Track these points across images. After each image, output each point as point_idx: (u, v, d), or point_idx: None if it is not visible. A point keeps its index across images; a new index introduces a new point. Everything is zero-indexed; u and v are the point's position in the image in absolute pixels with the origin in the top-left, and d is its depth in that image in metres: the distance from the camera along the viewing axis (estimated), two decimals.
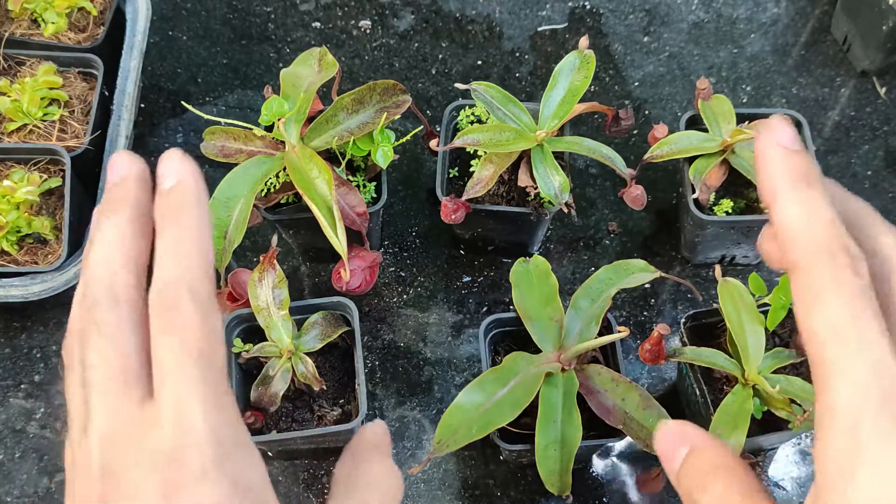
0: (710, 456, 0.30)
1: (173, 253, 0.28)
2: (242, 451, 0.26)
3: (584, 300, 0.77)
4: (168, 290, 0.27)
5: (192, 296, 0.27)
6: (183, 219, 0.28)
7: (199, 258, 0.28)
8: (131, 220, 0.29)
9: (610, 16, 1.17)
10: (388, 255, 1.00)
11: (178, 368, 0.26)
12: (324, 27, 1.15)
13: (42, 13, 0.97)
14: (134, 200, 0.29)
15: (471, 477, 0.88)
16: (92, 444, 0.27)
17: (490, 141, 0.80)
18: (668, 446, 0.31)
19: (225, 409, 0.26)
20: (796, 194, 0.27)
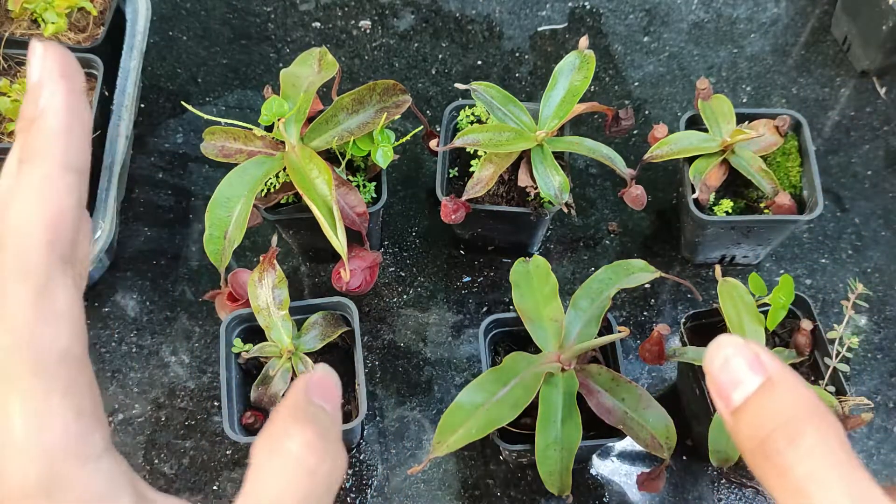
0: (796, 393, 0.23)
1: (18, 203, 0.23)
2: (83, 464, 0.22)
3: (584, 300, 0.77)
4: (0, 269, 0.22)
5: (20, 270, 0.22)
6: (38, 159, 0.23)
7: (48, 214, 0.23)
8: None
9: (610, 16, 1.17)
10: (388, 255, 1.00)
11: (2, 367, 0.21)
12: (324, 27, 1.15)
13: (42, 13, 0.97)
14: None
15: (471, 477, 0.88)
16: None
17: (490, 141, 0.80)
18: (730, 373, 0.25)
19: (60, 410, 0.22)
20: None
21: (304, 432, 0.26)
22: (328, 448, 0.27)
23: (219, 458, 0.87)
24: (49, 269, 0.22)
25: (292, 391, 0.29)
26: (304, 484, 0.25)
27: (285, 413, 0.27)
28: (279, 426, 0.27)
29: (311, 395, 0.28)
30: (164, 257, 0.99)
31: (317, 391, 0.29)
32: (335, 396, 0.29)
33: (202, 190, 1.03)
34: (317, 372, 0.30)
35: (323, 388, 0.29)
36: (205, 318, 0.95)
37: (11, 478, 0.21)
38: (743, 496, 0.86)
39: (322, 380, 0.29)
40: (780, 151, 0.91)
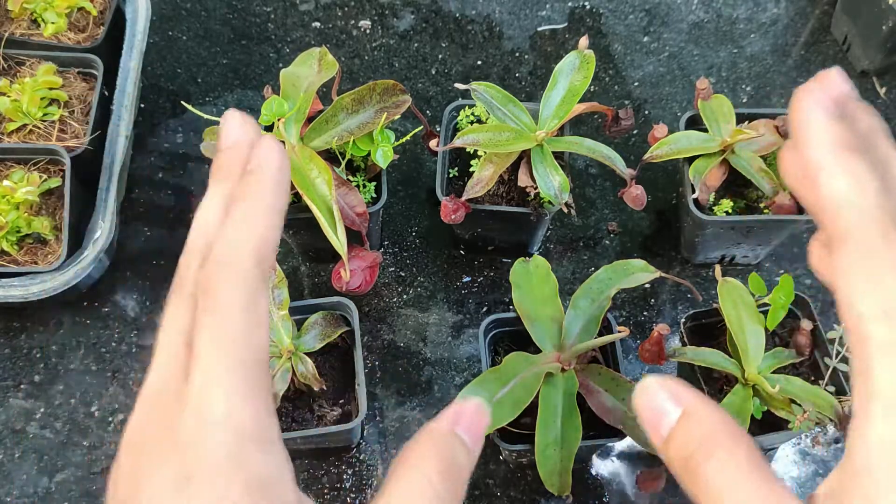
0: (709, 419, 0.28)
1: (232, 230, 0.27)
2: (264, 448, 0.25)
3: (584, 300, 0.77)
4: (215, 269, 0.27)
5: (238, 278, 0.26)
6: (251, 200, 0.28)
7: (257, 240, 0.27)
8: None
9: (610, 16, 1.17)
10: (388, 255, 1.00)
11: (209, 353, 0.25)
12: (324, 27, 1.15)
13: (42, 13, 0.97)
14: (239, 170, 0.30)
15: (471, 477, 0.87)
16: (138, 401, 0.27)
17: (490, 141, 0.80)
18: (653, 411, 0.29)
19: (253, 400, 0.25)
20: (842, 164, 0.26)
21: (438, 464, 0.28)
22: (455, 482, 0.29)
23: None
24: (257, 283, 0.27)
25: (441, 418, 0.30)
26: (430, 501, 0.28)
27: (425, 440, 0.29)
28: (416, 452, 0.29)
29: (457, 427, 0.30)
30: (164, 257, 0.98)
31: (465, 425, 0.30)
32: (481, 432, 0.31)
33: (202, 190, 1.03)
34: (470, 405, 0.31)
35: (472, 423, 0.30)
36: None
37: (208, 449, 0.24)
38: None
39: (474, 414, 0.31)
40: (780, 151, 0.91)
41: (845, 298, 0.25)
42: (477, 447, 0.31)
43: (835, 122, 0.27)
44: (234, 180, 0.29)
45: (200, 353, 0.25)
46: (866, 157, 0.26)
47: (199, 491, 0.24)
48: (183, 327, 0.27)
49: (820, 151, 0.27)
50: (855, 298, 0.25)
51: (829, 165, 0.26)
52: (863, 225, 0.25)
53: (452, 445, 0.29)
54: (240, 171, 0.29)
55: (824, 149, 0.27)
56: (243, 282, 0.26)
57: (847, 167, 0.26)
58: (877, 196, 0.26)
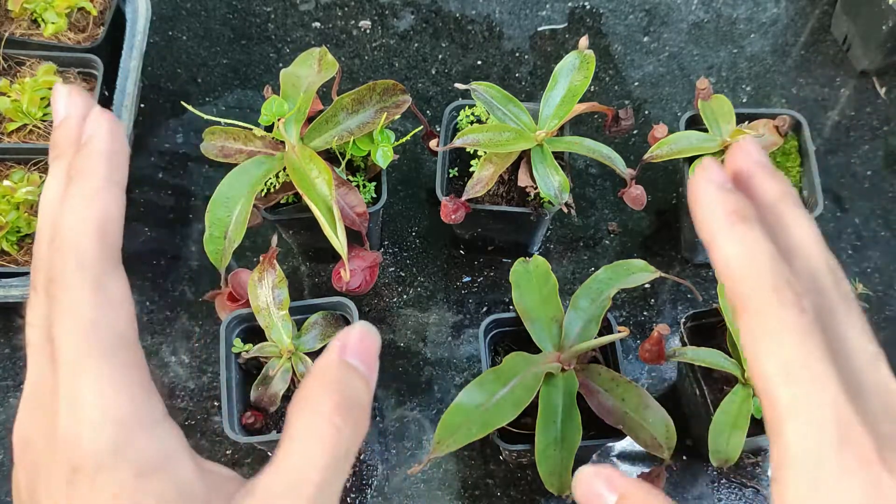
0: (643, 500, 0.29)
1: (70, 211, 0.26)
2: (147, 430, 0.25)
3: (584, 300, 0.77)
4: (58, 255, 0.26)
5: (82, 260, 0.25)
6: (85, 176, 0.27)
7: (96, 217, 0.26)
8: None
9: (610, 16, 1.17)
10: (388, 255, 1.00)
11: (67, 344, 0.25)
12: (324, 27, 1.15)
13: (42, 13, 0.97)
14: (72, 146, 0.29)
15: (471, 477, 0.88)
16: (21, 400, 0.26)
17: (490, 141, 0.80)
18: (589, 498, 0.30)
19: (124, 383, 0.25)
20: (733, 232, 0.27)
21: (331, 398, 0.28)
22: (352, 413, 0.28)
23: (218, 458, 0.87)
24: (103, 264, 0.26)
25: (328, 351, 0.29)
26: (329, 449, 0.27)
27: (316, 376, 0.29)
28: (309, 390, 0.28)
29: (346, 356, 0.29)
30: (164, 257, 0.99)
31: (353, 351, 0.29)
32: (372, 356, 0.30)
33: (202, 190, 1.03)
34: (354, 331, 0.30)
35: (360, 349, 0.30)
36: (205, 318, 0.95)
37: (86, 445, 0.24)
38: (743, 496, 0.86)
39: (360, 340, 0.30)
40: (780, 151, 0.91)
41: (751, 364, 0.26)
42: (372, 372, 0.30)
43: (727, 194, 0.28)
44: (70, 156, 0.28)
45: (61, 346, 0.25)
46: (758, 224, 0.27)
47: (91, 486, 0.23)
48: (41, 320, 0.26)
49: (712, 222, 0.28)
50: (758, 363, 0.26)
51: (720, 234, 0.27)
52: (758, 290, 0.26)
53: (345, 375, 0.29)
54: (74, 147, 0.29)
55: (716, 219, 0.27)
56: (87, 263, 0.25)
57: (737, 235, 0.27)
58: (770, 260, 0.26)
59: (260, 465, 0.87)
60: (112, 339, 0.25)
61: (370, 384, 0.30)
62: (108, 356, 0.25)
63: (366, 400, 0.29)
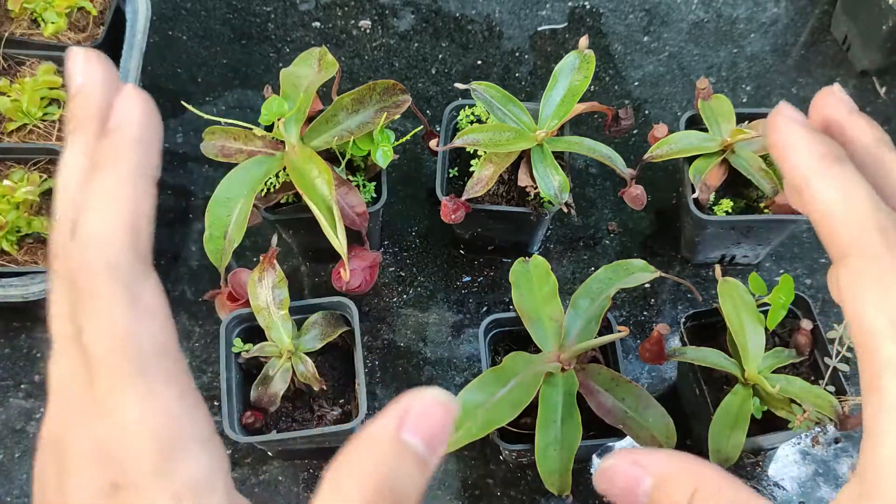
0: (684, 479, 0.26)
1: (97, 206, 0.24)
2: (189, 449, 0.23)
3: (584, 300, 0.77)
4: (86, 255, 0.23)
5: (112, 265, 0.23)
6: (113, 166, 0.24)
7: (126, 214, 0.24)
8: None
9: (610, 16, 1.17)
10: (388, 255, 1.00)
11: (104, 357, 0.23)
12: (324, 27, 1.15)
13: (42, 13, 0.97)
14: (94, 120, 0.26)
15: (470, 477, 0.88)
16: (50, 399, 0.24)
17: (490, 141, 0.80)
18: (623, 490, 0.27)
19: (165, 399, 0.23)
20: (829, 175, 0.25)
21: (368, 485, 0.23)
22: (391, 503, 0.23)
23: None
24: (135, 269, 0.24)
25: (384, 418, 0.24)
26: None
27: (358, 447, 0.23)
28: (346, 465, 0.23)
29: (404, 431, 0.23)
30: (164, 257, 0.99)
31: (415, 426, 0.23)
32: (440, 436, 0.24)
33: (202, 190, 1.03)
34: (423, 398, 0.24)
35: (425, 424, 0.23)
36: (205, 318, 0.95)
37: (129, 465, 0.22)
38: None
39: (427, 413, 0.24)
40: None
41: (852, 313, 0.25)
42: (434, 456, 0.24)
43: (816, 135, 0.26)
44: (92, 133, 0.26)
45: (96, 356, 0.23)
46: (853, 166, 0.26)
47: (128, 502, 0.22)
48: (67, 317, 0.24)
49: (805, 165, 0.26)
50: (863, 313, 0.24)
51: (815, 177, 0.26)
52: (863, 234, 0.24)
53: (395, 457, 0.23)
54: (96, 121, 0.26)
55: (809, 162, 0.26)
56: (119, 268, 0.23)
57: (835, 177, 0.25)
58: (874, 202, 0.25)
59: (260, 464, 0.87)
60: (151, 350, 0.23)
61: (427, 473, 0.23)
62: (148, 369, 0.23)
63: (414, 493, 0.23)
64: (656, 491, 0.26)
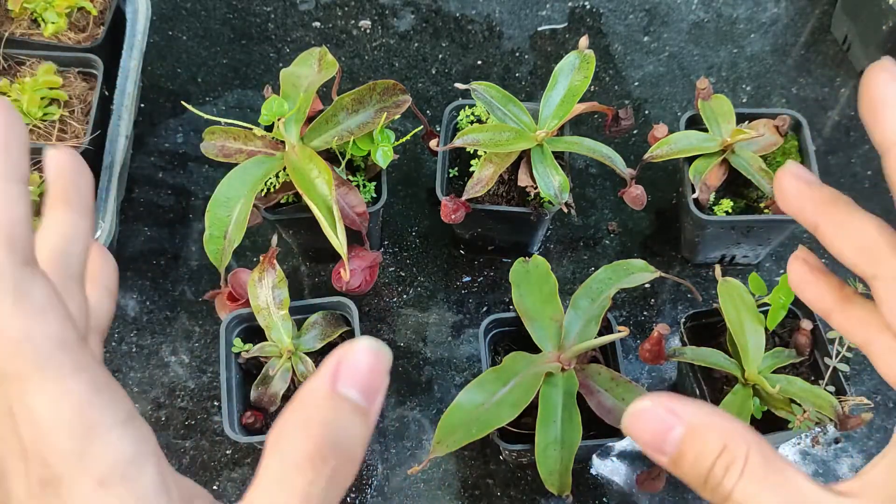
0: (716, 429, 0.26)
1: None
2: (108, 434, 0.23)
3: (583, 300, 0.77)
4: None
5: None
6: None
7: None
8: None
9: (610, 16, 1.17)
10: (388, 255, 1.00)
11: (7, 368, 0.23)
12: (324, 27, 1.15)
13: (42, 13, 0.97)
14: None
15: (470, 477, 0.88)
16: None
17: (490, 141, 0.80)
18: (653, 432, 0.27)
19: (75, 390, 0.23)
20: None
21: (308, 441, 0.23)
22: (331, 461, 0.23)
23: (219, 458, 0.87)
24: (16, 271, 0.23)
25: (317, 375, 0.24)
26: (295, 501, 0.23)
27: (296, 408, 0.24)
28: (284, 424, 0.24)
29: (339, 385, 0.24)
30: (164, 257, 0.99)
31: (350, 379, 0.24)
32: (376, 385, 0.24)
33: (202, 190, 1.03)
34: (356, 350, 0.24)
35: (361, 375, 0.24)
36: (205, 318, 0.95)
37: (51, 459, 0.22)
38: None
39: (362, 364, 0.24)
40: (779, 151, 0.91)
41: None
42: (373, 405, 0.24)
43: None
44: None
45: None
46: None
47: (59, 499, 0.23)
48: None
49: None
50: None
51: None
52: None
53: (333, 411, 0.23)
54: None
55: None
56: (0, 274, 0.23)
57: None
58: None
59: None
60: (48, 345, 0.23)
61: (369, 422, 0.24)
62: (50, 364, 0.23)
63: (358, 443, 0.24)
64: (685, 441, 0.26)
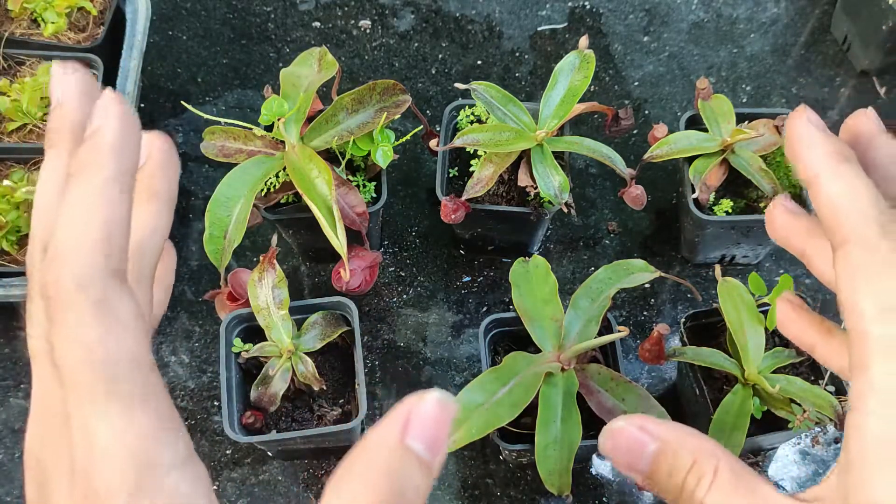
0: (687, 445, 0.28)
1: (69, 217, 0.23)
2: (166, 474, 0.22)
3: (583, 300, 0.77)
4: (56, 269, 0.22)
5: (83, 278, 0.22)
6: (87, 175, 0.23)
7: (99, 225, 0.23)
8: None
9: (610, 16, 1.17)
10: (388, 255, 1.00)
11: (74, 374, 0.22)
12: (324, 27, 1.15)
13: (42, 13, 0.97)
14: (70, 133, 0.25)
15: (470, 477, 0.88)
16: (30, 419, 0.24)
17: (490, 141, 0.80)
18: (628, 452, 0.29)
19: (141, 419, 0.22)
20: (837, 171, 0.28)
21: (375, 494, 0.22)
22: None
23: (219, 458, 0.87)
24: (105, 282, 0.23)
25: (387, 424, 0.24)
26: None
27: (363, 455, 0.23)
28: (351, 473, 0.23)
29: (408, 437, 0.23)
30: None
31: (419, 433, 0.23)
32: (441, 439, 0.24)
33: (202, 190, 1.03)
34: (426, 403, 0.24)
35: (429, 429, 0.24)
36: (205, 318, 0.95)
37: (101, 485, 0.21)
38: None
39: (432, 416, 0.24)
40: (779, 151, 0.91)
41: (846, 298, 0.26)
42: (437, 459, 0.24)
43: (829, 136, 0.29)
44: (68, 146, 0.25)
45: (67, 374, 0.22)
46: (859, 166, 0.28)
47: None
48: (43, 336, 0.23)
49: (816, 162, 0.28)
50: (855, 298, 0.26)
51: (824, 173, 0.28)
52: (862, 225, 0.26)
53: (400, 464, 0.23)
54: (72, 134, 0.25)
55: (820, 159, 0.28)
56: (87, 281, 0.22)
57: (842, 173, 0.28)
58: (875, 198, 0.27)
59: (260, 465, 0.87)
60: (123, 365, 0.22)
61: (432, 477, 0.24)
62: (121, 386, 0.22)
63: (420, 497, 0.23)
64: (658, 457, 0.28)
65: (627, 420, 0.29)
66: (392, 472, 0.23)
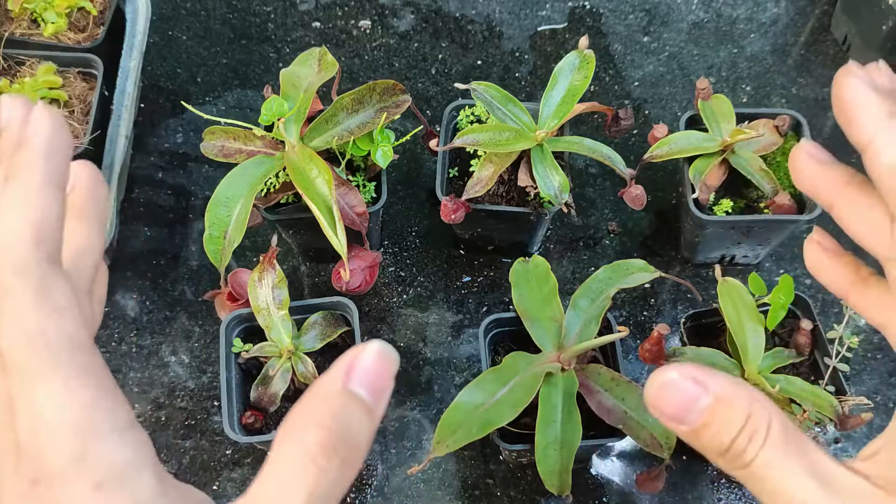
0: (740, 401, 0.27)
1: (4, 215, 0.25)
2: (108, 439, 0.24)
3: (583, 300, 0.77)
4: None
5: (16, 270, 0.24)
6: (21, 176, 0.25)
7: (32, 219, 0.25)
8: None
9: (610, 16, 1.17)
10: (388, 255, 1.00)
11: (15, 354, 0.24)
12: (324, 27, 1.15)
13: (42, 13, 0.97)
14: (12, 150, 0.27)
15: (470, 477, 0.88)
16: None
17: (490, 141, 0.80)
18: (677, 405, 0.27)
19: (82, 390, 0.23)
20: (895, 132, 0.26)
21: (320, 432, 0.25)
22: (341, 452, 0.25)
23: (219, 458, 0.87)
24: (41, 268, 0.24)
25: (331, 372, 0.26)
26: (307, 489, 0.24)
27: (310, 400, 0.25)
28: (299, 415, 0.25)
29: (351, 382, 0.26)
30: (164, 257, 0.99)
31: (361, 378, 0.26)
32: (383, 385, 0.26)
33: (202, 190, 1.03)
34: (367, 352, 0.26)
35: (371, 375, 0.26)
36: (205, 318, 0.95)
37: (47, 457, 0.23)
38: (742, 496, 0.86)
39: (372, 365, 0.26)
40: (779, 151, 0.91)
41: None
42: (380, 404, 0.26)
43: (882, 94, 0.27)
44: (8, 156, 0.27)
45: (9, 357, 0.24)
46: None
47: (49, 499, 0.23)
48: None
49: (871, 123, 0.27)
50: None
51: (881, 135, 0.26)
52: None
53: (344, 407, 0.25)
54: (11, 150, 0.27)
55: (876, 120, 0.26)
56: (25, 270, 0.24)
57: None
58: None
59: (260, 464, 0.87)
60: (62, 345, 0.24)
61: (374, 419, 0.26)
62: (61, 363, 0.23)
63: (364, 438, 0.25)
64: (710, 411, 0.27)
65: (680, 370, 0.27)
66: (337, 414, 0.25)
